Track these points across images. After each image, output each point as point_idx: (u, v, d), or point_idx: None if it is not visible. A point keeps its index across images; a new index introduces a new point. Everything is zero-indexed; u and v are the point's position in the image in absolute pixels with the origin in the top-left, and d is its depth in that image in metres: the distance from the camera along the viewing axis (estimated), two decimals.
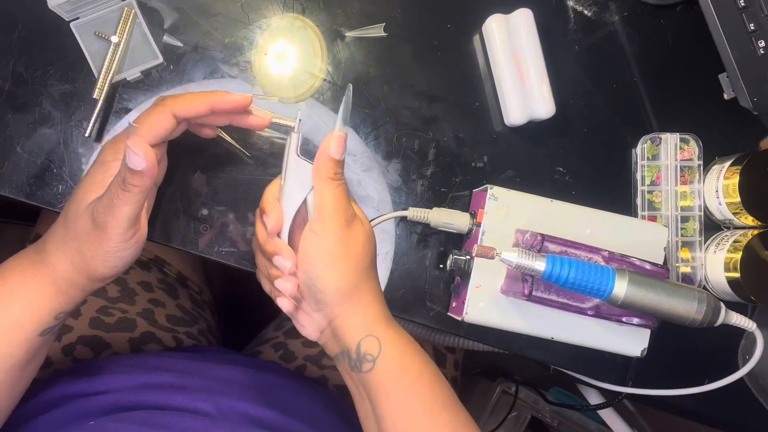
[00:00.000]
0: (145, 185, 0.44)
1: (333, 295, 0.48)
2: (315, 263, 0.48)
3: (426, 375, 0.50)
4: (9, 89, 0.56)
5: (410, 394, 0.48)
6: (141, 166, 0.42)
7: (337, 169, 0.48)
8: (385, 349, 0.48)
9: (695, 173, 0.64)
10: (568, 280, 0.50)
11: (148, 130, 0.47)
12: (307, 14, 0.60)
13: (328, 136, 0.48)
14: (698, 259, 0.64)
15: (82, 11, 0.55)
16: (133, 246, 0.47)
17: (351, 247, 0.48)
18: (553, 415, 1.12)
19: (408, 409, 0.48)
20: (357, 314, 0.49)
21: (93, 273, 0.47)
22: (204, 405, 0.57)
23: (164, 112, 0.47)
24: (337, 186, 0.48)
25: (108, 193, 0.44)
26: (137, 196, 0.44)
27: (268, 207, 0.50)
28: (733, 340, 0.65)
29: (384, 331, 0.49)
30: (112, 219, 0.44)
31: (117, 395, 0.57)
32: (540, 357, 0.64)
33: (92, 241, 0.46)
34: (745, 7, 0.60)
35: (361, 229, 0.49)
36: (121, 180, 0.43)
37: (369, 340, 0.48)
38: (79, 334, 0.68)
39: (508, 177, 0.63)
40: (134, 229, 0.46)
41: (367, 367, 0.48)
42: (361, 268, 0.49)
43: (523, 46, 0.60)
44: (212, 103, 0.48)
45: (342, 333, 0.49)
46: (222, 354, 0.74)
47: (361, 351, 0.48)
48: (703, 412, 0.67)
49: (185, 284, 0.82)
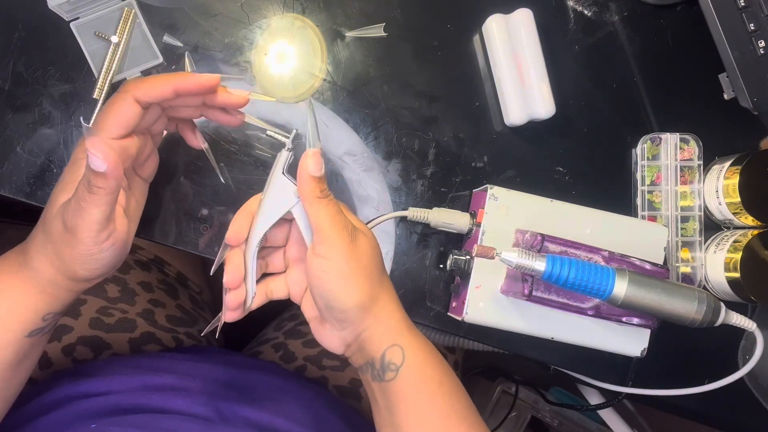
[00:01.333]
0: (110, 187, 0.42)
1: (356, 313, 0.48)
2: (330, 286, 0.47)
3: (446, 385, 0.50)
4: (9, 89, 0.56)
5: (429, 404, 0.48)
6: (102, 168, 0.41)
7: (322, 186, 0.47)
8: (408, 358, 0.48)
9: (695, 173, 0.64)
10: (568, 280, 0.50)
11: (113, 121, 0.45)
12: (307, 14, 0.60)
13: (303, 157, 0.47)
14: (698, 259, 0.64)
15: (82, 11, 0.55)
16: (109, 248, 0.46)
17: (361, 261, 0.47)
18: (553, 415, 1.12)
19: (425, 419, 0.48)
20: (381, 325, 0.49)
21: (74, 275, 0.46)
22: (205, 409, 0.57)
23: (125, 99, 0.46)
24: (327, 204, 0.47)
25: (75, 195, 0.43)
26: (104, 197, 0.43)
27: (234, 217, 0.50)
28: (733, 340, 0.65)
29: (407, 339, 0.49)
30: (81, 222, 0.43)
31: (117, 397, 0.57)
32: (540, 357, 0.64)
33: (66, 244, 0.45)
34: (745, 7, 0.60)
35: (365, 240, 0.48)
36: (86, 182, 0.42)
37: (393, 349, 0.48)
38: (79, 334, 0.68)
39: (508, 177, 0.63)
40: (107, 231, 0.45)
41: (389, 376, 0.48)
42: (375, 278, 0.49)
43: (523, 46, 0.60)
44: (175, 84, 0.46)
45: (368, 345, 0.49)
46: (222, 355, 0.74)
47: (385, 361, 0.48)
48: (703, 412, 0.67)
49: (185, 284, 0.82)
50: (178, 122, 0.53)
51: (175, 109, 0.51)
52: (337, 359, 0.76)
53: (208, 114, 0.52)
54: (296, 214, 0.50)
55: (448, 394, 0.49)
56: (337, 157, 0.61)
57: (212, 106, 0.51)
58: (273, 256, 0.54)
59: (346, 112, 0.61)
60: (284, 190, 0.49)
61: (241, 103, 0.50)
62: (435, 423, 0.48)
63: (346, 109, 0.61)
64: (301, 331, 0.80)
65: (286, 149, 0.50)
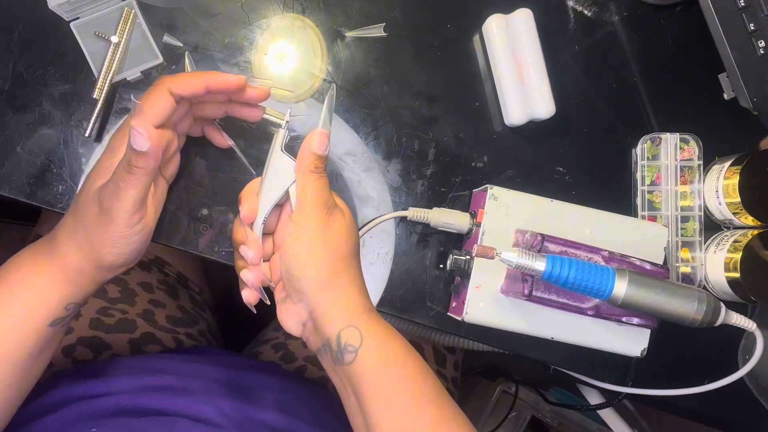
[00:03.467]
0: (149, 166, 0.45)
1: (312, 283, 0.48)
2: (294, 252, 0.48)
3: (410, 366, 0.49)
4: (9, 89, 0.56)
5: (394, 386, 0.47)
6: (145, 147, 0.44)
7: (318, 164, 0.49)
8: (366, 339, 0.48)
9: (695, 173, 0.64)
10: (568, 280, 0.50)
11: (150, 109, 0.47)
12: (307, 14, 0.60)
13: (311, 133, 0.49)
14: (698, 259, 0.64)
15: (82, 11, 0.55)
16: (139, 232, 0.48)
17: (330, 236, 0.48)
18: (553, 415, 1.12)
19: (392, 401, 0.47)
20: (337, 304, 0.48)
21: (102, 260, 0.48)
22: (206, 409, 0.57)
23: (162, 90, 0.48)
24: (318, 178, 0.49)
25: (114, 177, 0.45)
26: (142, 178, 0.45)
27: (243, 197, 0.51)
28: (733, 340, 0.65)
29: (365, 322, 0.48)
30: (118, 202, 0.45)
31: (118, 398, 0.57)
32: (540, 357, 0.64)
33: (99, 226, 0.46)
34: (745, 7, 0.60)
35: (341, 218, 0.50)
36: (126, 162, 0.44)
37: (349, 330, 0.48)
38: (80, 335, 0.68)
39: (508, 177, 0.63)
40: (140, 214, 0.47)
41: (348, 358, 0.47)
42: (341, 257, 0.49)
43: (523, 46, 0.60)
44: (207, 81, 0.49)
45: (322, 323, 0.48)
46: (222, 355, 0.74)
47: (341, 342, 0.47)
48: (703, 412, 0.67)
49: (185, 285, 0.82)
50: (203, 125, 0.56)
51: (202, 107, 0.53)
52: None
53: (232, 110, 0.54)
54: (293, 192, 0.51)
55: (413, 375, 0.48)
56: (337, 157, 0.61)
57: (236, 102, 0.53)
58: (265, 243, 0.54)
59: (346, 112, 0.61)
60: (284, 167, 0.51)
61: (264, 97, 0.53)
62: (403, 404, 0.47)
63: (346, 109, 0.61)
64: None
65: (283, 127, 0.51)
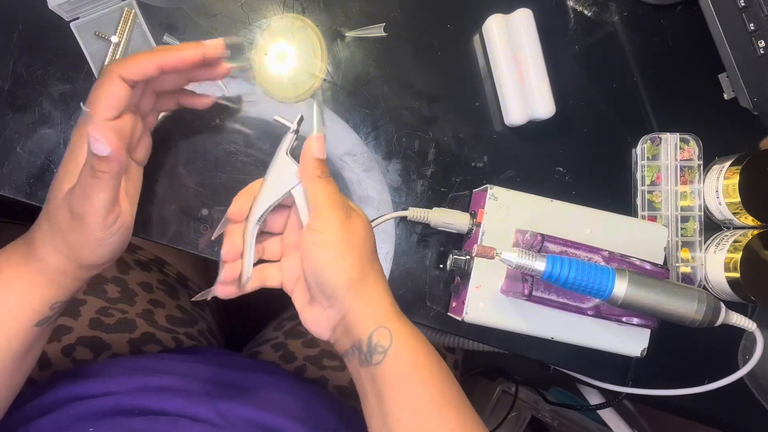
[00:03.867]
0: (114, 170, 0.43)
1: (344, 287, 0.48)
2: (321, 258, 0.48)
3: (436, 372, 0.49)
4: (9, 89, 0.56)
5: (419, 389, 0.47)
6: (105, 152, 0.42)
7: (323, 168, 0.49)
8: (396, 341, 0.48)
9: (695, 173, 0.64)
10: (568, 280, 0.50)
11: (104, 103, 0.46)
12: (307, 14, 0.60)
13: (308, 139, 0.49)
14: (698, 259, 0.64)
15: (82, 11, 0.55)
16: (117, 231, 0.47)
17: (353, 238, 0.48)
18: (553, 415, 1.12)
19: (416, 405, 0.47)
20: (369, 306, 0.49)
21: (83, 261, 0.47)
22: (204, 410, 0.57)
23: (112, 79, 0.46)
24: (327, 183, 0.49)
25: (80, 182, 0.44)
26: (109, 182, 0.43)
27: (238, 196, 0.51)
28: (733, 340, 0.65)
29: (395, 324, 0.49)
30: (89, 208, 0.44)
31: (117, 398, 0.57)
32: (540, 357, 0.64)
33: (74, 232, 0.45)
34: (745, 7, 0.60)
35: (359, 218, 0.50)
36: (90, 167, 0.43)
37: (381, 331, 0.48)
38: (79, 335, 0.68)
39: (508, 177, 0.63)
40: (114, 215, 0.46)
41: (377, 358, 0.47)
42: (366, 257, 0.49)
43: (523, 46, 0.60)
44: (160, 61, 0.46)
45: (354, 326, 0.48)
46: (222, 355, 0.74)
47: (372, 342, 0.48)
48: (703, 412, 0.67)
49: (185, 285, 0.82)
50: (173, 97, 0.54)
51: (160, 82, 0.51)
52: (338, 359, 0.76)
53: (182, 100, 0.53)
54: (296, 195, 0.51)
55: (438, 380, 0.49)
56: (337, 157, 0.61)
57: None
58: (270, 242, 0.55)
59: (346, 112, 0.61)
60: (286, 171, 0.51)
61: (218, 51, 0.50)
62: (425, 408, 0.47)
63: (346, 109, 0.61)
64: (301, 331, 0.80)
65: (291, 131, 0.51)
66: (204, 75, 0.52)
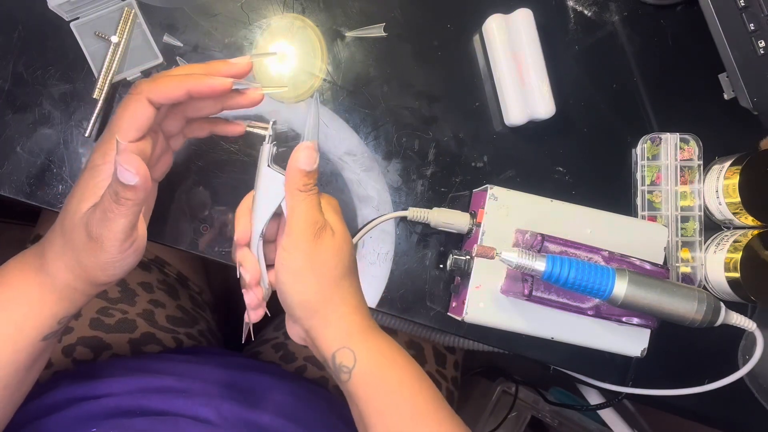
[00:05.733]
0: (139, 198, 0.42)
1: (301, 311, 0.48)
2: (283, 279, 0.48)
3: (406, 382, 0.49)
4: (9, 89, 0.56)
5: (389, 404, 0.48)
6: (133, 181, 0.41)
7: (307, 180, 0.47)
8: (360, 360, 0.48)
9: (695, 173, 0.64)
10: (568, 280, 0.50)
11: (129, 124, 0.45)
12: (307, 14, 0.60)
13: (296, 148, 0.47)
14: (698, 259, 0.64)
15: (82, 11, 0.55)
16: (132, 255, 0.46)
17: (318, 262, 0.47)
18: (553, 415, 1.12)
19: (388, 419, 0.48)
20: (329, 327, 0.49)
21: (94, 280, 0.47)
22: (205, 410, 0.57)
23: (139, 100, 0.45)
24: (305, 198, 0.47)
25: (101, 205, 0.43)
26: (132, 208, 0.43)
27: (238, 216, 0.50)
28: (733, 340, 0.65)
29: (360, 342, 0.49)
30: (108, 232, 0.43)
31: (118, 399, 0.57)
32: (540, 357, 0.64)
33: (89, 253, 0.44)
34: (745, 7, 0.60)
35: (330, 239, 0.48)
36: (114, 193, 0.42)
37: (343, 352, 0.48)
38: (80, 335, 0.68)
39: (508, 177, 0.63)
40: (131, 240, 0.45)
41: (344, 377, 0.48)
42: (333, 281, 0.48)
43: (523, 46, 0.60)
44: (189, 87, 0.45)
45: (318, 345, 0.49)
46: (222, 356, 0.74)
47: (336, 362, 0.48)
48: (703, 412, 0.67)
49: (186, 285, 0.82)
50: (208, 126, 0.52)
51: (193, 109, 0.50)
52: None
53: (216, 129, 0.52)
54: (284, 208, 0.50)
55: (409, 392, 0.49)
56: (337, 157, 0.61)
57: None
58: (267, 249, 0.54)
59: (346, 112, 0.61)
60: (274, 183, 0.49)
61: (256, 101, 0.49)
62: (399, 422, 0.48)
63: (346, 109, 0.61)
64: None
65: (266, 141, 0.49)
66: (236, 104, 0.50)
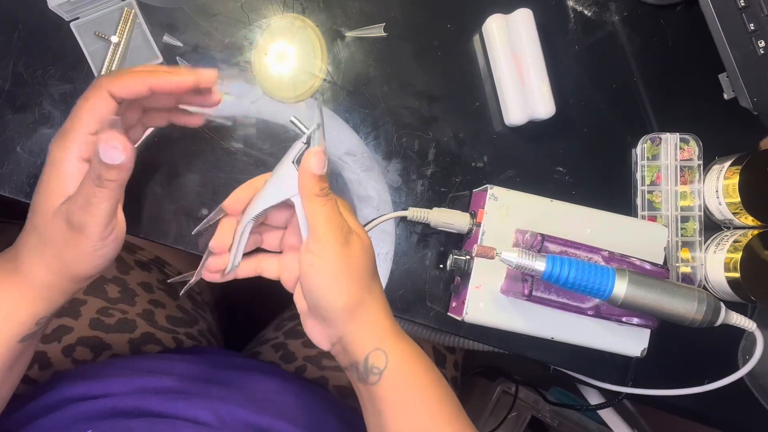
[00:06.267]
0: (122, 178, 0.43)
1: (341, 315, 0.48)
2: (318, 284, 0.47)
3: (432, 389, 0.50)
4: (9, 89, 0.56)
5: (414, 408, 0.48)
6: (120, 159, 0.41)
7: (323, 184, 0.47)
8: (391, 362, 0.48)
9: (695, 173, 0.64)
10: (568, 280, 0.50)
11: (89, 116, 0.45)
12: (307, 14, 0.60)
13: (307, 153, 0.47)
14: (698, 259, 0.64)
15: (82, 11, 0.55)
16: (113, 242, 0.46)
17: (352, 264, 0.47)
18: (553, 415, 1.12)
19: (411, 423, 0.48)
20: (366, 328, 0.49)
21: (75, 275, 0.46)
22: (203, 413, 0.57)
23: (99, 94, 0.45)
24: (325, 203, 0.47)
25: (82, 192, 0.43)
26: (115, 191, 0.43)
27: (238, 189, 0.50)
28: (733, 340, 0.65)
29: (392, 344, 0.49)
30: (91, 218, 0.43)
31: (116, 400, 0.57)
32: (540, 357, 0.64)
33: (70, 244, 0.44)
34: (745, 7, 0.60)
35: (358, 243, 0.48)
36: (96, 177, 0.42)
37: (376, 353, 0.48)
38: (79, 335, 0.68)
39: (508, 177, 0.63)
40: (112, 225, 0.45)
41: (373, 379, 0.48)
42: (364, 282, 0.49)
43: (523, 46, 0.60)
44: (152, 82, 0.45)
45: (351, 348, 0.49)
46: (222, 356, 0.74)
47: (368, 364, 0.48)
48: (703, 412, 0.67)
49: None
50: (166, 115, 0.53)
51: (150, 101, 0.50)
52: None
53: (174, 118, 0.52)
54: (296, 205, 0.50)
55: (435, 398, 0.49)
56: (337, 157, 0.61)
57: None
58: (270, 234, 0.54)
59: (346, 112, 0.61)
60: (289, 179, 0.50)
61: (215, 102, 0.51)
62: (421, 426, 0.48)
63: (346, 109, 0.61)
64: (301, 331, 0.80)
65: (302, 141, 0.50)
66: (196, 101, 0.51)
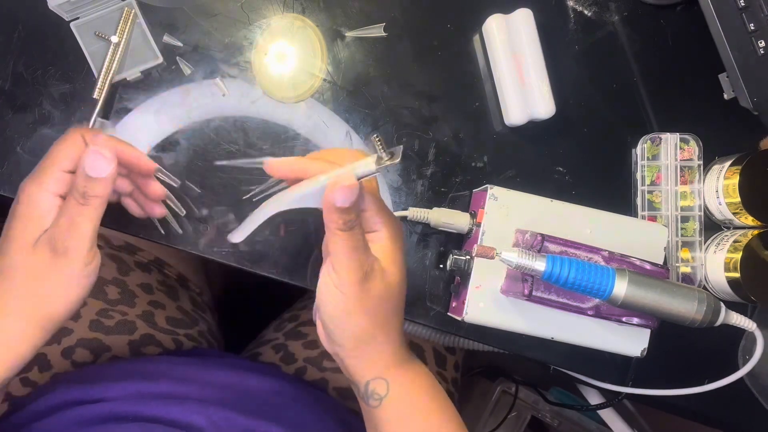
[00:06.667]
0: (107, 192, 0.43)
1: (350, 344, 0.48)
2: (330, 311, 0.47)
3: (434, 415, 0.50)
4: (9, 89, 0.56)
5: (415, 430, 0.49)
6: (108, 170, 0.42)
7: (346, 218, 0.43)
8: (393, 390, 0.48)
9: (695, 173, 0.64)
10: (568, 280, 0.50)
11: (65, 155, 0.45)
12: (307, 14, 0.60)
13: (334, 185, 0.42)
14: (698, 259, 0.64)
15: (82, 11, 0.55)
16: (93, 271, 0.45)
17: (366, 303, 0.46)
18: (553, 415, 1.12)
19: None
20: (369, 359, 0.49)
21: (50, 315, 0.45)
22: (198, 417, 0.56)
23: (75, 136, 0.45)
24: (347, 238, 0.43)
25: (66, 214, 0.43)
26: (98, 208, 0.43)
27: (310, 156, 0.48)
28: (733, 340, 0.65)
29: (395, 373, 0.49)
30: (76, 240, 0.43)
31: (113, 404, 0.57)
32: (540, 357, 0.64)
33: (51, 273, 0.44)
34: (745, 7, 0.60)
35: (379, 283, 0.46)
36: (80, 195, 0.42)
37: (377, 382, 0.49)
38: (79, 336, 0.68)
39: (508, 177, 0.63)
40: (94, 250, 0.45)
41: (374, 404, 0.49)
42: (378, 320, 0.47)
43: (523, 46, 0.60)
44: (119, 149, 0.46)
45: (352, 372, 0.49)
46: (221, 358, 0.74)
47: (369, 389, 0.48)
48: (703, 412, 0.67)
49: (186, 285, 0.82)
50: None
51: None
52: None
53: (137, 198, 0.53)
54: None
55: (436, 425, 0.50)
56: None
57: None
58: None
59: (346, 112, 0.61)
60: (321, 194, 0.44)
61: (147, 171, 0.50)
62: None
63: (346, 109, 0.61)
64: (302, 333, 0.80)
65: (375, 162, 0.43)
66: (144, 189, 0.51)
